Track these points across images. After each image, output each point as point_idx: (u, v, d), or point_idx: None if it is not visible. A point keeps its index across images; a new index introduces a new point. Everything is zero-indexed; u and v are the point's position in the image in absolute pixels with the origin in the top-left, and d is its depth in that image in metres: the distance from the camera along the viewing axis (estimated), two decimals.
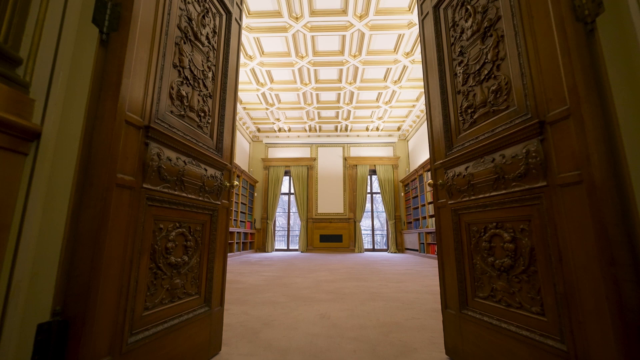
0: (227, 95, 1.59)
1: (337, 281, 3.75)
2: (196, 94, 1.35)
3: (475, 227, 1.27)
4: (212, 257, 1.41)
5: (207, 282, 1.37)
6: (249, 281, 3.74)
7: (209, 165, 1.39)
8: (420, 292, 3.06)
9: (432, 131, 1.60)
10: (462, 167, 1.33)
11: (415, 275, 4.25)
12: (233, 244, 8.22)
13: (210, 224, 1.41)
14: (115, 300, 0.89)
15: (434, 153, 1.59)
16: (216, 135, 1.50)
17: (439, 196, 1.52)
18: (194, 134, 1.31)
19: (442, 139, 1.50)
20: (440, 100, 1.52)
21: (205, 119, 1.41)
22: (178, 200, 1.17)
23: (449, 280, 1.41)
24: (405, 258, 7.70)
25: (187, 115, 1.28)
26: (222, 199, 1.51)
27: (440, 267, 1.48)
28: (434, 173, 1.57)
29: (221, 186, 1.47)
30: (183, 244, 1.22)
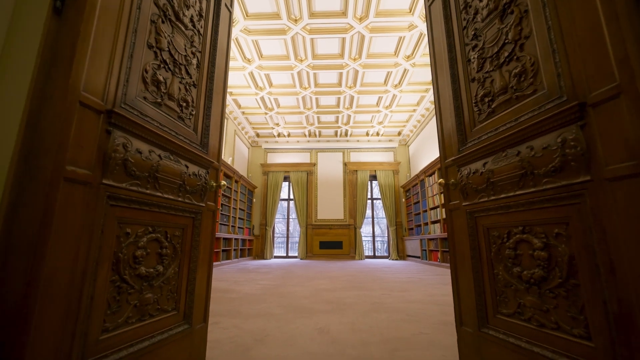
0: (215, 85, 1.44)
1: (337, 290, 3.55)
2: (177, 81, 1.19)
3: (496, 231, 1.10)
4: (194, 267, 1.24)
5: (187, 295, 1.19)
6: (244, 290, 3.55)
7: (191, 161, 1.22)
8: (426, 302, 2.87)
9: (442, 125, 1.44)
10: (479, 163, 1.17)
11: (419, 284, 4.05)
12: (230, 250, 8.01)
13: (192, 228, 1.24)
14: (59, 323, 0.71)
15: (444, 149, 1.42)
16: (201, 129, 1.34)
17: (450, 197, 1.35)
18: (173, 126, 1.15)
19: (454, 133, 1.34)
20: (451, 91, 1.36)
21: (187, 110, 1.25)
22: (151, 200, 1.00)
23: (465, 293, 1.23)
24: (407, 265, 7.49)
25: (165, 104, 1.12)
26: (207, 201, 1.34)
27: (454, 278, 1.30)
28: (444, 172, 1.40)
29: (206, 186, 1.31)
30: (157, 251, 1.05)
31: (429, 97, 8.22)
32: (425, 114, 9.05)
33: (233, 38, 6.01)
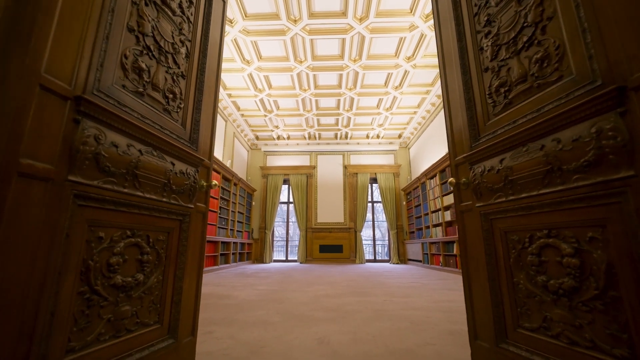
0: (207, 78, 1.33)
1: (338, 296, 3.42)
2: (163, 70, 1.08)
3: (516, 235, 0.98)
4: (181, 274, 1.12)
5: (172, 306, 1.08)
6: (241, 296, 3.42)
7: (178, 158, 1.12)
8: (430, 309, 2.74)
9: (451, 120, 1.33)
10: (495, 159, 1.06)
11: (422, 289, 3.92)
12: (229, 254, 7.88)
13: (179, 232, 1.13)
14: (10, 345, 0.60)
15: (453, 146, 1.31)
16: (190, 124, 1.23)
17: (462, 198, 1.24)
18: (157, 119, 1.04)
19: (465, 129, 1.23)
20: (461, 82, 1.26)
21: (175, 103, 1.14)
22: (129, 200, 0.89)
23: (480, 303, 1.11)
24: (408, 269, 7.35)
25: (148, 95, 1.01)
26: (196, 202, 1.23)
27: (466, 286, 1.19)
28: (454, 170, 1.29)
29: (195, 185, 1.20)
30: (137, 258, 0.93)
31: (430, 99, 8.14)
32: (426, 116, 8.96)
33: (232, 39, 5.94)
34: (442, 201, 7.13)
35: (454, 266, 6.34)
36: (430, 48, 6.26)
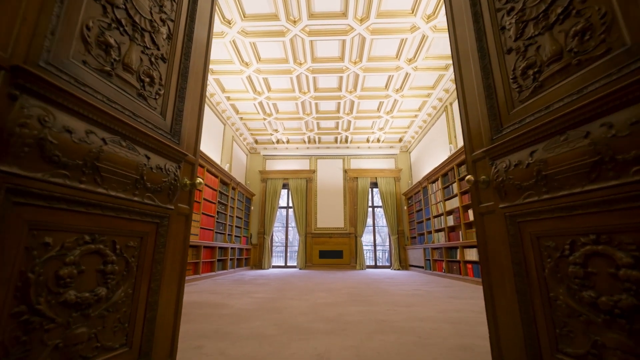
0: (192, 63, 1.18)
1: (338, 305, 3.25)
2: (137, 49, 0.94)
3: (552, 241, 0.83)
4: (157, 286, 0.96)
5: (145, 324, 0.91)
6: (236, 305, 3.24)
7: (155, 152, 0.96)
8: (437, 319, 2.57)
9: (467, 112, 1.18)
10: (524, 152, 0.91)
11: (426, 297, 3.74)
12: (227, 260, 7.69)
13: (155, 236, 0.97)
14: None
15: (470, 141, 1.16)
16: (172, 114, 1.08)
17: (481, 198, 1.09)
18: (129, 104, 0.89)
19: (484, 120, 1.08)
20: (479, 68, 1.11)
21: (152, 89, 1.00)
22: (87, 198, 0.74)
23: (506, 320, 0.95)
24: (410, 276, 7.16)
25: (117, 76, 0.86)
26: (177, 202, 1.07)
27: (489, 300, 1.03)
28: (471, 167, 1.14)
29: (175, 183, 1.04)
30: (98, 268, 0.78)
31: (431, 102, 8.03)
32: (427, 119, 8.85)
33: (230, 40, 5.83)
34: (444, 206, 6.97)
35: (457, 273, 6.16)
36: (432, 50, 6.16)
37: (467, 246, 5.77)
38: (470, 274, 5.62)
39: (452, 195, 6.58)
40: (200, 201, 6.31)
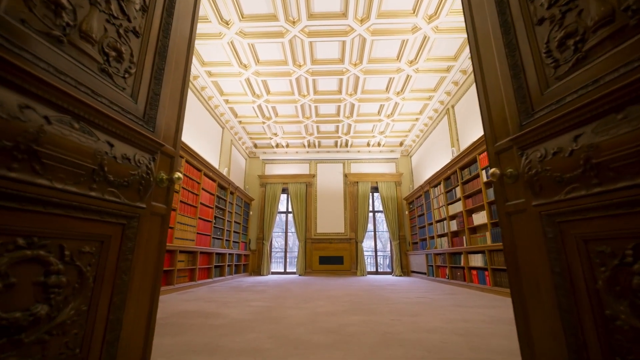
0: (173, 42, 1.03)
1: (339, 314, 3.06)
2: (101, 17, 0.79)
3: (606, 246, 0.67)
4: (122, 301, 0.79)
5: (105, 348, 0.74)
6: (231, 314, 3.05)
7: (121, 139, 0.81)
8: (445, 331, 2.38)
9: (487, 97, 1.03)
10: (565, 138, 0.75)
11: (431, 305, 3.56)
12: (224, 266, 7.49)
13: (121, 241, 0.81)
14: None
15: (491, 129, 1.01)
16: (146, 98, 0.93)
17: (507, 195, 0.93)
18: (86, 80, 0.74)
19: (511, 104, 0.93)
20: (502, 45, 0.96)
21: (120, 65, 0.84)
22: (21, 191, 0.58)
23: (544, 344, 0.78)
24: (412, 282, 6.95)
25: (70, 43, 0.71)
26: (151, 200, 0.91)
27: (520, 317, 0.86)
28: (494, 159, 0.98)
29: (148, 178, 0.88)
30: (37, 280, 0.61)
31: (433, 105, 7.91)
32: (429, 123, 8.72)
33: (228, 41, 5.73)
34: (447, 210, 6.80)
35: (461, 279, 5.96)
36: (433, 51, 6.06)
37: (472, 252, 5.59)
38: (475, 280, 5.43)
39: (455, 199, 6.42)
40: (197, 205, 6.14)
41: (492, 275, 4.83)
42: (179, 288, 5.15)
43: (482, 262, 5.19)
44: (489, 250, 4.90)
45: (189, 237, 5.76)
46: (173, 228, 5.16)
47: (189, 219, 5.78)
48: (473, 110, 6.24)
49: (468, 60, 6.17)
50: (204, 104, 7.31)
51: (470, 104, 6.38)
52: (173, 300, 4.03)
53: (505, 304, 3.68)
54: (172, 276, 5.04)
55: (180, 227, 5.44)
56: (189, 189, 5.82)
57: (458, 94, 6.92)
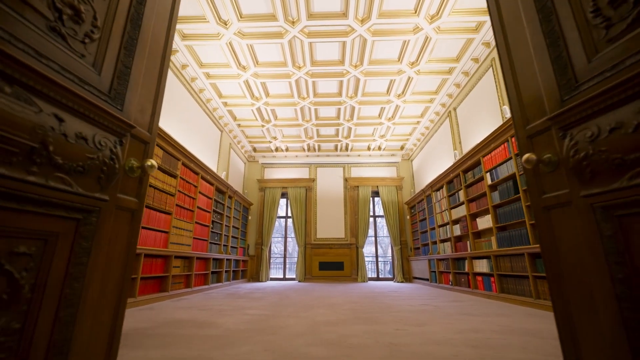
0: (148, 10, 0.89)
1: (340, 324, 2.88)
2: None
3: None
4: (72, 316, 0.63)
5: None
6: (226, 324, 2.87)
7: (75, 113, 0.65)
8: (455, 342, 2.21)
9: (514, 73, 0.88)
10: (627, 110, 0.60)
11: (437, 314, 3.37)
12: (222, 272, 7.29)
13: (73, 240, 0.65)
14: None
15: (520, 110, 0.86)
16: (113, 70, 0.78)
17: (544, 186, 0.77)
18: (28, 37, 0.59)
19: (547, 77, 0.78)
20: (535, 10, 0.82)
21: (79, 28, 0.70)
22: None
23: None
24: (415, 289, 6.75)
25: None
26: (116, 191, 0.76)
27: (567, 334, 0.70)
28: (525, 144, 0.83)
29: (112, 165, 0.73)
30: None
31: (434, 107, 7.80)
32: (430, 126, 8.61)
33: (227, 42, 5.63)
34: (450, 214, 6.64)
35: (465, 285, 5.77)
36: (435, 53, 5.96)
37: (476, 257, 5.41)
38: (480, 287, 5.24)
39: (459, 203, 6.26)
40: (194, 209, 5.97)
41: (498, 282, 4.64)
42: (174, 295, 4.96)
43: (488, 267, 5.01)
44: (495, 255, 4.72)
45: (185, 242, 5.58)
46: (168, 233, 4.99)
47: (185, 223, 5.61)
48: (476, 112, 6.11)
49: (470, 61, 6.07)
50: (202, 107, 7.19)
51: (473, 106, 6.26)
52: (166, 308, 3.84)
53: (514, 312, 3.50)
54: (167, 283, 4.86)
55: (176, 232, 5.26)
56: (185, 192, 5.66)
57: (460, 96, 6.81)
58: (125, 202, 0.78)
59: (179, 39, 5.49)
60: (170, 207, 5.05)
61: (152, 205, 4.49)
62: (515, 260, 4.27)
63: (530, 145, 0.82)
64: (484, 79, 5.84)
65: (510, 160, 4.49)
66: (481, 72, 5.89)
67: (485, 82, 5.76)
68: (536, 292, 3.81)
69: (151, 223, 4.50)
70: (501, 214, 4.72)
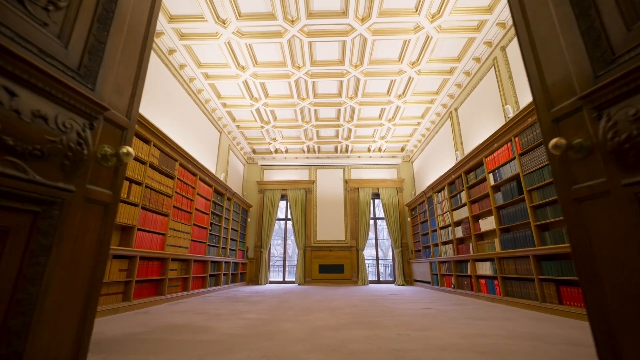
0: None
1: (341, 328, 2.77)
2: None
3: None
4: (23, 325, 0.52)
5: None
6: (222, 329, 2.76)
7: (30, 87, 0.56)
8: (462, 348, 2.10)
9: (536, 50, 0.79)
10: None
11: (440, 318, 3.26)
12: (220, 275, 7.17)
13: (29, 237, 0.55)
14: None
15: (545, 91, 0.77)
16: (83, 44, 0.68)
17: (575, 175, 0.68)
18: None
19: (577, 52, 0.69)
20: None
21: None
22: None
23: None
24: (417, 292, 6.63)
25: None
26: (84, 182, 0.66)
27: (605, 342, 0.60)
28: (550, 129, 0.74)
29: (80, 150, 0.63)
30: None
31: (435, 108, 7.72)
32: (431, 127, 8.53)
33: (225, 42, 5.55)
34: (451, 216, 6.53)
35: (468, 288, 5.66)
36: (436, 52, 5.89)
37: (479, 259, 5.30)
38: (483, 290, 5.13)
39: (461, 204, 6.15)
40: (192, 211, 5.87)
41: (502, 285, 4.53)
42: (170, 298, 4.84)
43: (491, 270, 4.90)
44: (499, 257, 4.61)
45: (183, 244, 5.47)
46: (165, 235, 4.89)
47: (183, 225, 5.51)
48: (478, 112, 6.03)
49: (472, 61, 6.00)
50: (201, 107, 7.11)
51: (474, 106, 6.18)
52: (161, 312, 3.73)
53: (520, 316, 3.39)
54: (163, 286, 4.74)
55: (173, 234, 5.16)
56: (182, 193, 5.56)
57: (461, 96, 6.73)
58: (96, 193, 0.69)
59: (177, 39, 5.42)
60: (167, 209, 4.95)
61: (148, 206, 4.39)
62: (519, 263, 4.17)
63: (556, 129, 0.72)
64: (485, 79, 5.76)
65: (513, 160, 4.40)
66: (483, 72, 5.81)
67: (487, 81, 5.69)
68: (542, 296, 3.70)
69: (147, 225, 4.39)
70: (505, 215, 4.62)
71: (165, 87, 5.60)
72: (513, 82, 4.90)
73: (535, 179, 3.92)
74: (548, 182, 3.69)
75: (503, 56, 5.14)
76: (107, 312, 3.45)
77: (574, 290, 3.32)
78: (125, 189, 3.90)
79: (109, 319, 3.23)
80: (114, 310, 3.54)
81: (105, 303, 3.58)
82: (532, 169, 3.96)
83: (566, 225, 0.70)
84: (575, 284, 3.39)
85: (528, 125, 4.06)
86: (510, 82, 4.93)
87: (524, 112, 4.03)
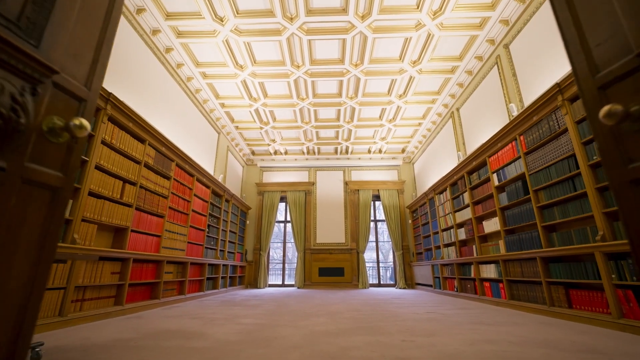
0: None
1: (341, 334, 2.62)
2: None
3: None
4: None
5: None
6: (216, 335, 2.62)
7: None
8: (470, 356, 1.95)
9: (575, 11, 0.67)
10: None
11: (445, 323, 3.11)
12: (217, 279, 7.01)
13: None
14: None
15: (586, 54, 0.64)
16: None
17: (629, 152, 0.55)
18: None
19: (627, 5, 0.56)
20: None
21: None
22: None
23: None
24: (418, 295, 6.47)
25: None
26: (23, 159, 0.53)
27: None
28: (594, 98, 0.61)
29: (16, 119, 0.50)
30: None
31: (436, 108, 7.60)
32: (432, 127, 8.41)
33: (223, 40, 5.44)
34: (454, 218, 6.39)
35: (472, 292, 5.50)
36: (438, 51, 5.78)
37: (483, 262, 5.15)
38: (487, 293, 4.97)
39: (463, 205, 6.01)
40: (189, 213, 5.73)
41: (507, 288, 4.38)
42: (165, 302, 4.69)
43: (496, 273, 4.75)
44: (504, 260, 4.47)
45: (179, 246, 5.32)
46: (160, 236, 4.74)
47: (179, 227, 5.36)
48: (480, 112, 5.91)
49: (474, 60, 5.88)
50: (199, 108, 7.00)
51: (477, 106, 6.06)
52: (155, 317, 3.58)
53: (528, 320, 3.24)
54: (158, 289, 4.59)
55: (169, 236, 5.01)
56: (179, 194, 5.43)
57: (463, 96, 6.62)
58: (39, 174, 0.55)
59: (173, 37, 5.32)
60: (163, 210, 4.81)
61: (142, 207, 4.25)
62: (526, 265, 4.02)
63: (603, 98, 0.59)
64: (488, 78, 5.64)
65: (519, 160, 4.27)
66: (485, 71, 5.70)
67: (490, 80, 5.57)
68: (550, 299, 3.55)
69: (141, 226, 4.25)
70: (510, 216, 4.48)
71: (162, 87, 5.48)
72: (517, 80, 4.78)
73: (541, 178, 3.79)
74: (555, 182, 3.56)
75: (506, 54, 5.02)
76: (98, 317, 3.30)
77: (584, 294, 3.17)
78: (118, 188, 3.77)
79: (99, 324, 3.09)
80: (105, 314, 3.39)
81: (95, 307, 3.43)
82: (539, 168, 3.82)
83: (620, 214, 0.57)
84: (586, 287, 3.24)
85: (534, 124, 3.93)
86: (514, 80, 4.81)
87: (529, 109, 3.91)
